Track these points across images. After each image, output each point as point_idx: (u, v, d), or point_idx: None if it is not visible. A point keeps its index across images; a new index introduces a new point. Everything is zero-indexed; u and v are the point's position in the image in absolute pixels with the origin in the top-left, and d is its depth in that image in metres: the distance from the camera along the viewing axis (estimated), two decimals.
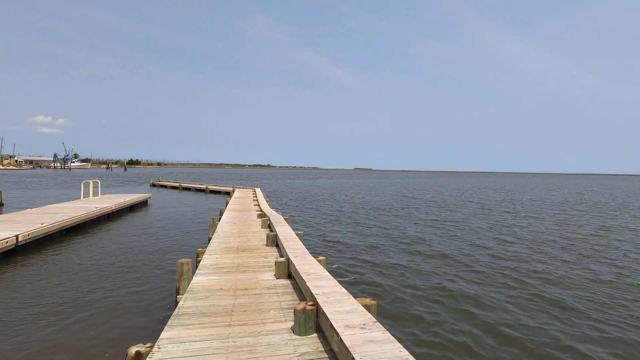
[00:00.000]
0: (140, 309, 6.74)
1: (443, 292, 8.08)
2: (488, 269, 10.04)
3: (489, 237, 14.65)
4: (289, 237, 8.42)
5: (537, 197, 39.57)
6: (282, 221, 10.92)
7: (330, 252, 11.61)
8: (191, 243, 12.18)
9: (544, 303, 7.57)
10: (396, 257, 11.12)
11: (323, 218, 19.28)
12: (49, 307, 6.68)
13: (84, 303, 6.93)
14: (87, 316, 6.37)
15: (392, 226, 16.91)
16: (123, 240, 12.37)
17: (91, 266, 9.27)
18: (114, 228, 14.76)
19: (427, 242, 13.51)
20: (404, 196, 36.50)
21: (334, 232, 15.16)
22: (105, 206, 16.57)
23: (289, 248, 7.31)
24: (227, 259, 7.57)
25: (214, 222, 11.31)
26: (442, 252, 11.82)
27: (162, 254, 10.65)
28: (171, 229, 14.77)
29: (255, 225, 12.04)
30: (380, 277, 9.05)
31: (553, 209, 26.09)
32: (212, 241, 9.36)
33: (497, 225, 17.89)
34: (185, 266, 6.05)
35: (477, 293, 8.06)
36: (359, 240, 13.45)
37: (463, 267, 10.16)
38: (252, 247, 8.71)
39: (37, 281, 8.07)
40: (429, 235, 14.74)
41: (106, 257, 10.20)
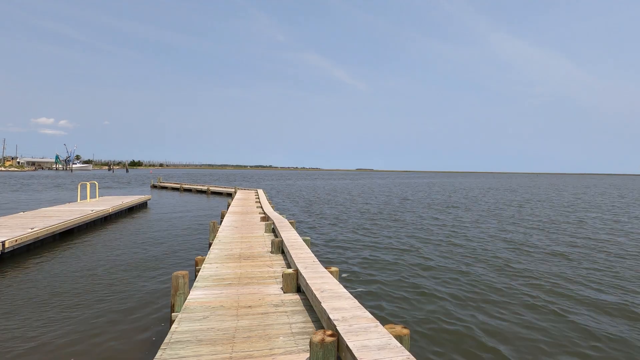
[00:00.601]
0: (128, 331, 5.96)
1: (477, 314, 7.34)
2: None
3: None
4: (296, 244, 7.70)
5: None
6: (288, 225, 10.21)
7: (338, 258, 10.88)
8: (190, 249, 11.45)
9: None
10: (410, 265, 10.38)
11: (328, 221, 18.56)
12: (21, 328, 5.93)
13: (61, 324, 6.08)
14: (63, 344, 5.44)
15: (399, 231, 16.16)
16: (117, 246, 11.65)
17: (79, 277, 8.49)
18: (110, 232, 14.06)
19: (431, 248, 12.77)
20: (404, 199, 35.75)
21: (339, 236, 14.43)
22: (102, 209, 15.89)
23: (297, 257, 6.59)
24: (229, 269, 6.86)
25: (214, 226, 10.61)
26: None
27: (158, 262, 9.91)
28: (170, 233, 14.05)
29: (258, 229, 11.33)
30: (392, 288, 8.32)
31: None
32: (213, 248, 8.65)
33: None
34: (181, 280, 5.34)
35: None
36: (364, 245, 12.72)
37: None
38: (255, 255, 7.99)
39: (15, 294, 7.33)
40: (438, 239, 14.00)
41: (97, 266, 9.42)
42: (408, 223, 17.94)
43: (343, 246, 12.40)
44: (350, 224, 17.27)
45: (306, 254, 6.91)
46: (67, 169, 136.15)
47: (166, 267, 9.38)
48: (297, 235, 8.72)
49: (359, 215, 20.96)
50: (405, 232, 15.28)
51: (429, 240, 13.65)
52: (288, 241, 8.02)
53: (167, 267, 9.37)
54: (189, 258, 10.07)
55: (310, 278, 5.17)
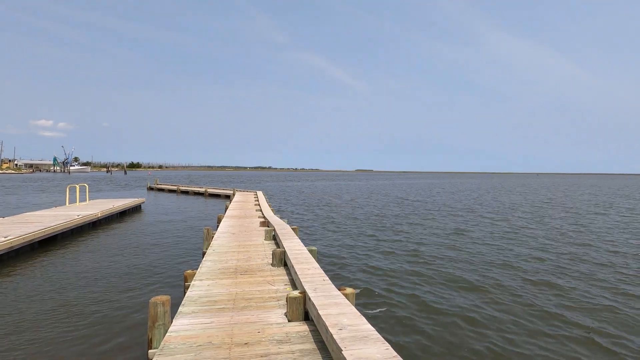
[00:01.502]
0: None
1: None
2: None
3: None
4: (300, 257, 6.65)
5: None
6: (290, 232, 9.15)
7: (343, 270, 9.83)
8: (181, 260, 10.27)
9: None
10: (432, 282, 9.33)
11: (332, 225, 17.51)
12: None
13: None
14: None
15: (409, 237, 15.12)
16: (100, 257, 10.42)
17: (46, 300, 7.06)
18: (96, 239, 12.95)
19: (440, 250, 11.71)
20: (403, 200, 34.70)
21: (343, 243, 13.38)
22: (90, 213, 14.82)
23: (304, 274, 5.54)
24: (222, 287, 5.81)
25: (208, 233, 9.54)
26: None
27: (143, 277, 8.63)
28: (161, 240, 12.88)
29: (257, 235, 10.28)
30: (412, 309, 7.26)
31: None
32: (206, 259, 7.61)
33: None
34: (160, 308, 4.29)
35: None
36: (371, 254, 11.66)
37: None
38: (254, 268, 6.94)
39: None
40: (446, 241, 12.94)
41: (70, 284, 8.08)
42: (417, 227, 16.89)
43: (344, 254, 11.35)
44: (353, 228, 16.21)
45: (314, 269, 5.86)
46: (65, 171, 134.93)
47: (151, 283, 8.13)
48: (302, 245, 7.68)
49: (362, 217, 19.92)
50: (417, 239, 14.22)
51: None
52: (291, 252, 6.97)
53: (152, 284, 8.11)
54: (177, 272, 8.86)
55: (322, 306, 4.12)
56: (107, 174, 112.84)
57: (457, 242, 13.45)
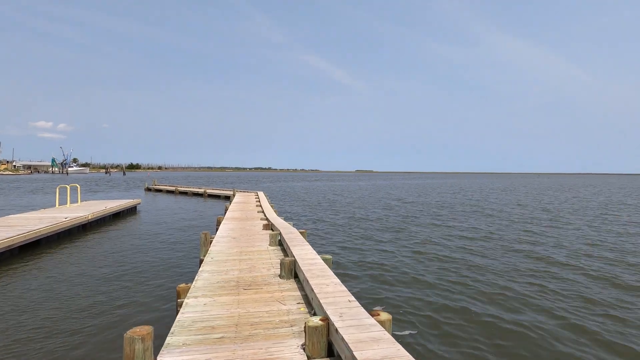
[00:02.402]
0: None
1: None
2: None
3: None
4: (315, 268, 5.60)
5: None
6: (299, 237, 8.10)
7: (360, 280, 8.79)
8: (176, 269, 9.13)
9: None
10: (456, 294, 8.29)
11: (338, 228, 16.47)
12: None
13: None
14: None
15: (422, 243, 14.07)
16: (82, 268, 9.13)
17: (5, 329, 5.72)
18: (84, 245, 11.86)
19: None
20: (404, 201, 33.70)
21: (351, 247, 12.34)
22: (79, 215, 13.76)
23: (323, 292, 4.50)
24: (222, 307, 4.77)
25: (206, 239, 8.48)
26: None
27: (129, 294, 7.28)
28: (154, 246, 11.74)
29: (261, 240, 9.24)
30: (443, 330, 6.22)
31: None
32: (203, 269, 6.56)
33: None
34: (139, 345, 3.23)
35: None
36: (383, 262, 10.63)
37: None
38: (259, 281, 5.89)
39: None
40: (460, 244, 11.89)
41: (35, 303, 6.74)
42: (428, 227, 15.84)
43: (357, 261, 10.30)
44: (359, 232, 15.17)
45: (334, 285, 4.81)
46: (63, 172, 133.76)
47: (137, 304, 6.80)
48: (314, 253, 6.63)
49: (368, 219, 18.87)
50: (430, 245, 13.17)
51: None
52: (303, 262, 5.93)
53: (137, 305, 6.77)
54: (170, 285, 7.73)
55: (356, 343, 3.07)
56: (106, 175, 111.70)
57: (483, 243, 12.41)
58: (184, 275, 8.43)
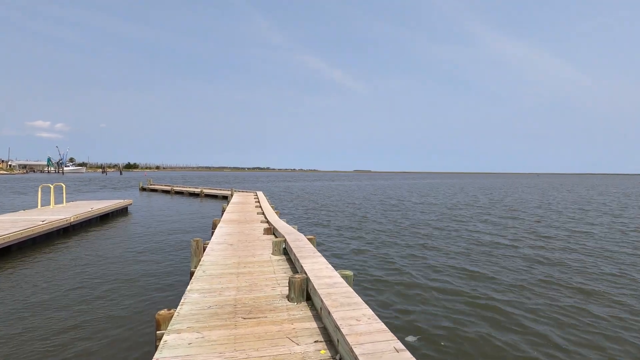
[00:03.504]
0: None
1: None
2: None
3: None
4: (337, 292, 4.29)
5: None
6: (308, 246, 6.79)
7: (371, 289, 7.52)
8: (162, 285, 7.71)
9: None
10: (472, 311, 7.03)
11: (344, 231, 15.19)
12: None
13: None
14: None
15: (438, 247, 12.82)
16: (49, 281, 7.70)
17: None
18: (61, 251, 10.46)
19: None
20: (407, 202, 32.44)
21: (365, 255, 11.08)
22: (59, 218, 12.43)
23: (353, 333, 3.20)
24: (212, 351, 3.46)
25: (197, 247, 7.17)
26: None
27: (96, 328, 5.67)
28: (139, 254, 10.31)
29: (262, 248, 7.94)
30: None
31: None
32: (191, 288, 5.26)
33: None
34: None
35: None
36: (401, 273, 9.36)
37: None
38: (262, 305, 4.59)
39: None
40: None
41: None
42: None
43: (366, 268, 9.01)
44: (368, 235, 13.89)
45: (368, 321, 3.49)
46: (59, 171, 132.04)
47: (102, 341, 5.21)
48: (331, 268, 5.32)
49: (374, 221, 17.60)
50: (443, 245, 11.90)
51: None
52: (319, 281, 4.64)
53: (103, 343, 5.15)
54: (150, 311, 6.18)
55: None
56: (102, 175, 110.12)
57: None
58: (169, 294, 7.04)
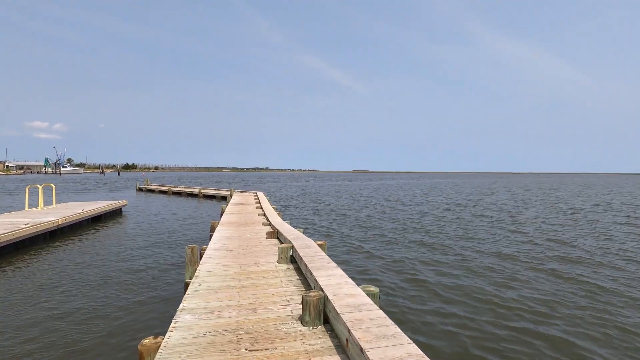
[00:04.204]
0: None
1: None
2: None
3: None
4: (367, 319, 3.41)
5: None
6: (320, 255, 5.90)
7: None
8: (147, 304, 6.52)
9: None
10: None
11: (353, 234, 14.33)
12: None
13: None
14: None
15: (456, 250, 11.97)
16: (20, 298, 6.67)
17: None
18: (43, 258, 9.51)
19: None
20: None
21: (380, 265, 10.22)
22: (46, 221, 11.53)
23: None
24: None
25: (193, 255, 6.28)
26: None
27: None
28: (131, 261, 9.40)
29: (266, 254, 7.07)
30: None
31: None
32: (184, 307, 4.38)
33: None
34: None
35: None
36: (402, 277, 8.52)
37: None
38: (271, 331, 3.72)
39: None
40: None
41: None
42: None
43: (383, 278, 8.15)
44: (378, 238, 13.03)
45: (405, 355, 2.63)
46: (57, 172, 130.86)
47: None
48: (352, 284, 4.44)
49: (381, 223, 16.74)
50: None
51: None
52: (341, 302, 3.76)
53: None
54: (132, 340, 5.12)
55: None
56: (100, 175, 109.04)
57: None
58: (158, 314, 6.08)
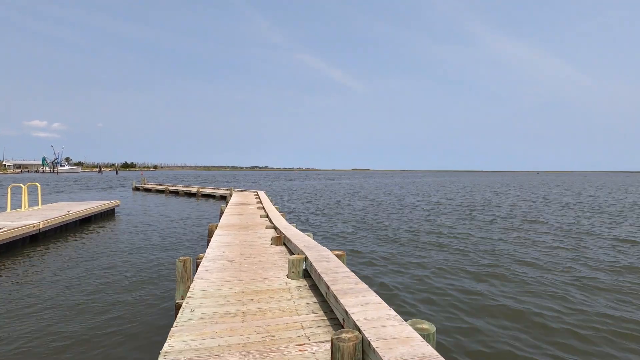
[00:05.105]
0: None
1: None
2: None
3: None
4: None
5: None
6: (343, 271, 4.76)
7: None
8: (125, 339, 5.00)
9: None
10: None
11: (367, 238, 13.24)
12: None
13: None
14: None
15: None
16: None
17: None
18: (15, 269, 8.36)
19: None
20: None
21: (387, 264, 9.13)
22: (25, 224, 10.40)
23: None
24: None
25: (185, 270, 5.15)
26: None
27: None
28: (116, 274, 8.09)
29: (272, 266, 5.95)
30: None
31: None
32: (171, 346, 3.27)
33: None
34: None
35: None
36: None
37: None
38: None
39: None
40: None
41: None
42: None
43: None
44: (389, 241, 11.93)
45: None
46: (54, 171, 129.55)
47: None
48: (397, 318, 3.30)
49: (389, 224, 15.63)
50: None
51: None
52: (388, 352, 2.64)
53: None
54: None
55: None
56: (98, 174, 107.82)
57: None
58: (140, 358, 4.83)
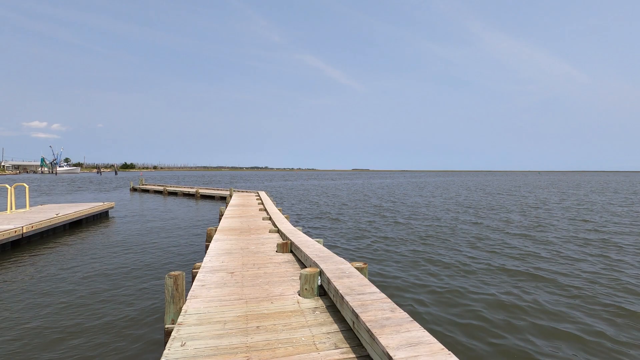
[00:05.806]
0: None
1: None
2: None
3: None
4: None
5: None
6: (371, 292, 3.86)
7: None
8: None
9: None
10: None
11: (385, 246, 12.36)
12: None
13: None
14: None
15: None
16: None
17: None
18: None
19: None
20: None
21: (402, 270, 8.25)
22: (6, 229, 9.51)
23: None
24: None
25: (176, 288, 4.26)
26: None
27: None
28: (101, 290, 7.01)
29: (279, 279, 5.08)
30: None
31: None
32: None
33: None
34: None
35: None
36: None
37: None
38: None
39: None
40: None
41: None
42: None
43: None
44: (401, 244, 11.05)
45: None
46: (53, 172, 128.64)
47: None
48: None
49: (395, 225, 14.74)
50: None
51: None
52: None
53: None
54: None
55: None
56: (97, 175, 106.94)
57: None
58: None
